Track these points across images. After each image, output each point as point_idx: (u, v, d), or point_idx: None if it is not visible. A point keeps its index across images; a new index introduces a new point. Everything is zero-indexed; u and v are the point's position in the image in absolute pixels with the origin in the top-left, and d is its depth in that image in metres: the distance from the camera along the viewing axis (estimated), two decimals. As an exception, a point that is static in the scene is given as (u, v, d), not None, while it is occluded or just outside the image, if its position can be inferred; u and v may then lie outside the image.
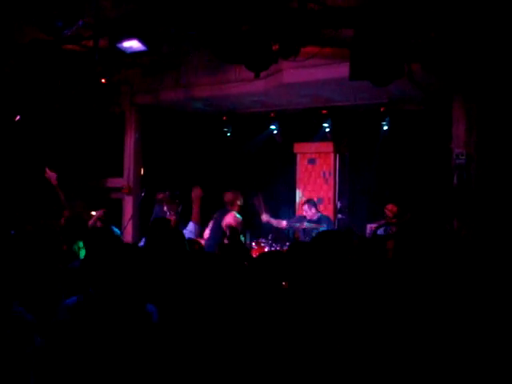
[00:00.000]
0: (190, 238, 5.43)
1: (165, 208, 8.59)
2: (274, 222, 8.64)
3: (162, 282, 3.39)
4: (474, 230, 7.04)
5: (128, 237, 9.63)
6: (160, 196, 8.14)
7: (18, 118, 7.85)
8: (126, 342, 2.80)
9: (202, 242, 7.09)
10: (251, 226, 9.03)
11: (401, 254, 3.49)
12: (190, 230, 7.30)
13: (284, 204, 10.45)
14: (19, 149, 8.62)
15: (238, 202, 7.57)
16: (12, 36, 6.79)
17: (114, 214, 9.50)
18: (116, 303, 2.93)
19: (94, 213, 9.07)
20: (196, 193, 7.32)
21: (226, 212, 7.47)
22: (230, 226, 6.64)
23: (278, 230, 8.91)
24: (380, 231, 7.64)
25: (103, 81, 8.08)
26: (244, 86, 8.59)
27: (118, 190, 10.10)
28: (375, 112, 9.04)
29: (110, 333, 2.82)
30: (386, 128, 9.01)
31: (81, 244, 5.04)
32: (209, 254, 5.16)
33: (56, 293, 3.72)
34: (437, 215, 7.69)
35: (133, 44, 6.28)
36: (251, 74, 6.35)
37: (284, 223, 8.64)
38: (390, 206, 7.97)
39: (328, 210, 9.71)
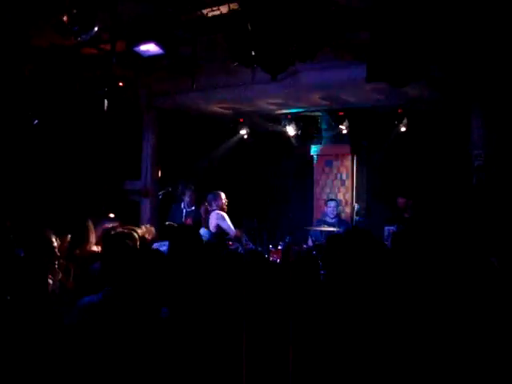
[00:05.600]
0: None
1: (182, 205, 8.67)
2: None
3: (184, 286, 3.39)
4: (492, 231, 6.97)
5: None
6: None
7: (35, 121, 7.90)
8: (137, 340, 2.81)
9: None
10: (268, 228, 9.01)
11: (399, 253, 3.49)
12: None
13: (301, 206, 10.43)
14: (36, 153, 8.68)
15: (219, 202, 7.83)
16: (31, 40, 6.84)
17: (131, 216, 9.56)
18: (131, 303, 2.97)
19: (112, 215, 9.13)
20: None
21: (210, 213, 7.93)
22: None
23: (296, 232, 8.90)
24: (393, 228, 7.61)
25: (121, 84, 8.12)
26: (260, 88, 8.58)
27: (136, 192, 10.14)
28: (393, 113, 8.99)
29: (123, 330, 2.85)
30: (403, 129, 8.95)
31: None
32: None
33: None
34: (456, 216, 7.63)
35: (150, 47, 6.29)
36: (268, 76, 6.34)
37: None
38: (399, 200, 7.93)
39: (345, 213, 9.67)
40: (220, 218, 7.90)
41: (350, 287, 3.07)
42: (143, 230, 5.34)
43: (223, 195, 8.03)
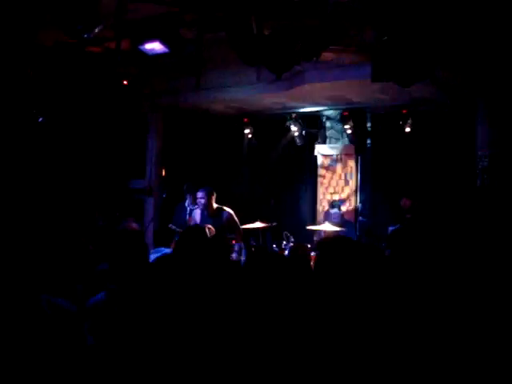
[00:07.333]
0: None
1: (186, 203, 8.67)
2: None
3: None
4: (496, 232, 6.95)
5: (149, 237, 9.68)
6: None
7: (40, 119, 7.91)
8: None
9: None
10: (272, 227, 9.01)
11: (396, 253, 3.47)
12: None
13: (305, 206, 10.42)
14: (42, 151, 8.70)
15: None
16: (36, 38, 6.85)
17: (136, 215, 9.57)
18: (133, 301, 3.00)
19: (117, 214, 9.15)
20: None
21: None
22: None
23: (300, 232, 8.90)
24: (392, 228, 7.59)
25: (125, 83, 8.13)
26: (265, 88, 8.59)
27: (140, 191, 10.16)
28: (397, 114, 8.98)
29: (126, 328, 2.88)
30: (408, 130, 8.93)
31: None
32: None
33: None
34: (459, 218, 7.61)
35: (155, 46, 6.30)
36: (273, 76, 6.34)
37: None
38: (403, 201, 7.93)
39: (349, 213, 9.65)
40: None
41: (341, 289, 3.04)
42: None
43: (197, 193, 7.96)
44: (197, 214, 7.89)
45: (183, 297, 3.20)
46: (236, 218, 7.77)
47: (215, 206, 7.76)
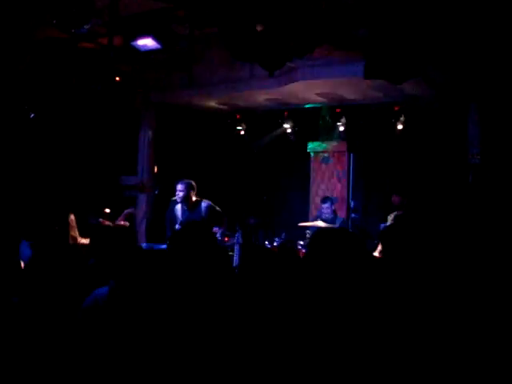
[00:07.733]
0: None
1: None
2: None
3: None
4: (488, 229, 6.99)
5: (141, 234, 9.68)
6: None
7: (32, 115, 7.88)
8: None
9: None
10: (264, 224, 9.03)
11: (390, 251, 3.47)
12: None
13: (297, 203, 10.44)
14: (33, 147, 8.66)
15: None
16: (28, 33, 6.82)
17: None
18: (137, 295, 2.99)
19: (108, 210, 9.12)
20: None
21: None
22: None
23: (292, 228, 8.91)
24: (384, 225, 7.61)
25: (117, 79, 8.10)
26: (257, 85, 8.58)
27: (132, 187, 10.13)
28: (390, 111, 8.99)
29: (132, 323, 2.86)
30: (400, 127, 8.96)
31: None
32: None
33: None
34: (451, 214, 7.65)
35: (147, 42, 6.29)
36: (265, 73, 6.34)
37: None
38: (393, 197, 7.94)
39: (341, 210, 9.67)
40: None
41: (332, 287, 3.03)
42: None
43: (176, 186, 7.76)
44: (178, 209, 7.75)
45: (180, 292, 3.20)
46: (217, 208, 7.62)
47: (194, 198, 7.60)
